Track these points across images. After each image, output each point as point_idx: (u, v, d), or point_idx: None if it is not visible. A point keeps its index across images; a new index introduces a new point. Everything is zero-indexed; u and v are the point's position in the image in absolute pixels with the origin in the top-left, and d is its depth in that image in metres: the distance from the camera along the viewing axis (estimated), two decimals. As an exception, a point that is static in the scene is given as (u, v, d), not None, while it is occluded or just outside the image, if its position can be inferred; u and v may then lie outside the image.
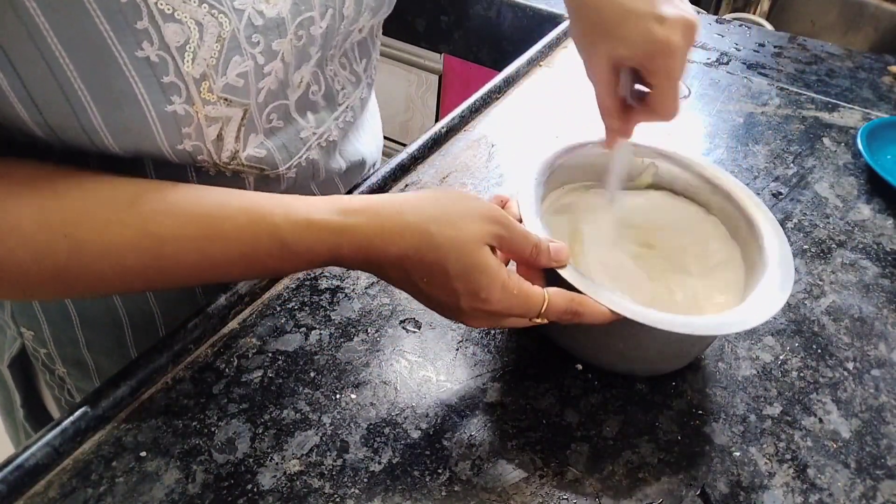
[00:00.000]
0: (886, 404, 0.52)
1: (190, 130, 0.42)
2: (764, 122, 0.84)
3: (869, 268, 0.65)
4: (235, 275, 0.43)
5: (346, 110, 0.56)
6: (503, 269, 0.43)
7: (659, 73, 0.47)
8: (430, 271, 0.41)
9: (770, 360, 0.55)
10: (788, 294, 0.47)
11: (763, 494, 0.46)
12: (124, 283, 0.41)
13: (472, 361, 0.52)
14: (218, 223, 0.40)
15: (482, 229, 0.42)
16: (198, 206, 0.40)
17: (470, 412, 0.48)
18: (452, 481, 0.44)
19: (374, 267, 0.43)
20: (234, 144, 0.45)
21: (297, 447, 0.45)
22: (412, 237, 0.41)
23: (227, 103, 0.42)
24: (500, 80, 0.84)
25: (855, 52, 1.03)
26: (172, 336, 0.49)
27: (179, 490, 0.42)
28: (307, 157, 0.53)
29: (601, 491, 0.45)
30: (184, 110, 0.40)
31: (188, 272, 0.41)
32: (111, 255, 0.39)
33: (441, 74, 1.59)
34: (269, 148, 0.49)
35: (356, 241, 0.41)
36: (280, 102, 0.48)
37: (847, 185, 0.75)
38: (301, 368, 0.50)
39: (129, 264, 0.39)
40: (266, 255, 0.41)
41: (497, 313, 0.43)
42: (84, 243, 0.38)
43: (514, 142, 0.75)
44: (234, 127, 0.44)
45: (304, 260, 0.42)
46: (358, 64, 0.56)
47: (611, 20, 0.47)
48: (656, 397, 0.51)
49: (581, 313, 0.44)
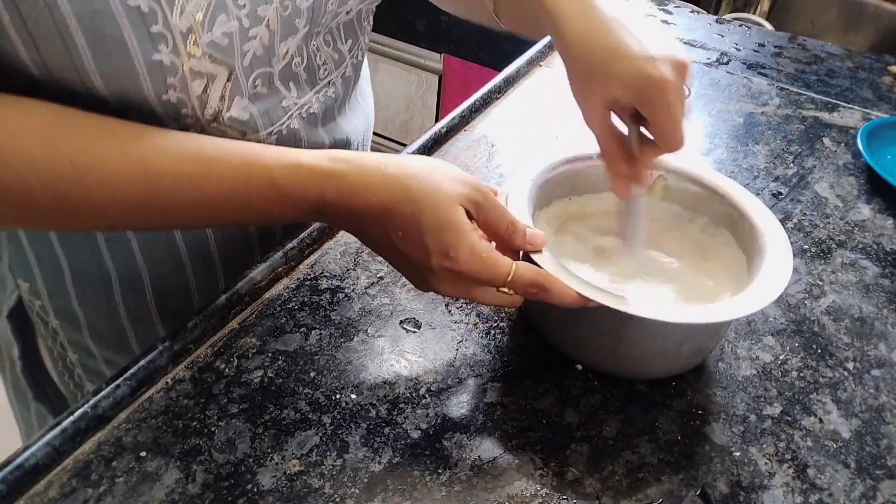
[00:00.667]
0: (886, 404, 0.52)
1: (175, 81, 0.44)
2: (764, 122, 0.84)
3: (869, 268, 0.65)
4: (227, 216, 0.45)
5: (328, 86, 0.58)
6: (475, 233, 0.44)
7: (655, 105, 0.46)
8: (405, 225, 0.43)
9: (770, 360, 0.55)
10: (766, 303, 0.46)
11: (763, 494, 0.46)
12: (122, 216, 0.43)
13: (472, 361, 0.52)
14: (213, 162, 0.43)
15: (460, 191, 0.44)
16: (196, 147, 0.43)
17: (470, 412, 0.49)
18: (452, 481, 0.44)
19: (355, 219, 0.44)
20: (219, 103, 0.48)
21: (297, 447, 0.45)
22: (392, 189, 0.43)
23: (212, 60, 0.45)
24: (500, 80, 0.84)
25: (855, 52, 1.03)
26: (172, 336, 0.49)
27: (179, 490, 0.42)
28: (288, 125, 0.55)
29: (601, 491, 0.45)
30: (169, 60, 0.43)
31: (182, 209, 0.43)
32: (111, 184, 0.41)
33: (441, 74, 1.59)
34: (252, 112, 0.51)
35: (341, 187, 0.43)
36: (265, 70, 0.50)
37: (847, 185, 0.75)
38: (301, 368, 0.50)
39: (127, 195, 0.42)
40: (257, 195, 0.43)
41: (464, 275, 0.44)
42: (88, 171, 0.41)
43: (514, 142, 0.76)
44: (219, 86, 0.47)
45: (291, 203, 0.44)
46: (343, 44, 0.58)
47: (601, 63, 0.47)
48: (656, 397, 0.51)
49: (547, 289, 0.45)
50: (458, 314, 0.55)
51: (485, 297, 0.46)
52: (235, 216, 0.45)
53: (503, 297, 0.46)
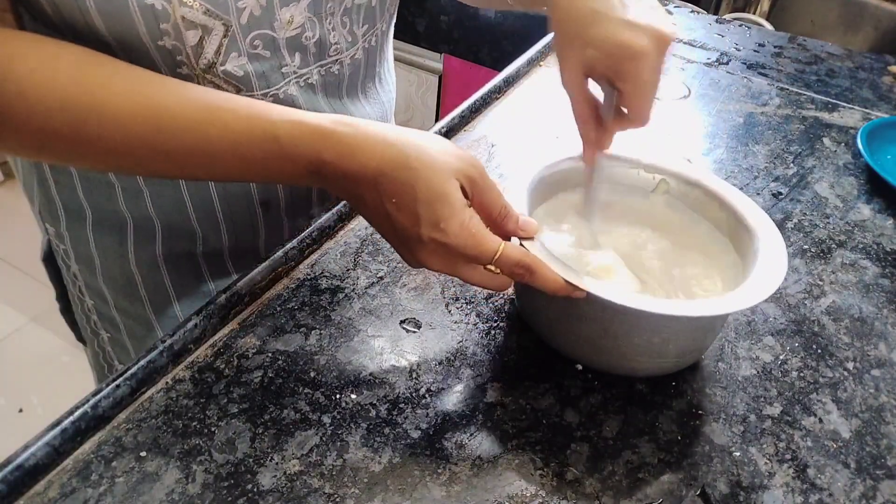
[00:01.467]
0: (886, 404, 0.52)
1: (168, 28, 0.47)
2: (764, 122, 0.84)
3: (869, 268, 0.65)
4: (228, 167, 0.46)
5: (334, 63, 0.59)
6: (467, 209, 0.44)
7: (627, 76, 0.47)
8: (400, 191, 0.43)
9: (770, 360, 0.55)
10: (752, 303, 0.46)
11: (763, 494, 0.46)
12: (130, 152, 0.45)
13: (472, 361, 0.52)
14: (221, 111, 0.44)
15: (457, 166, 0.44)
16: (204, 95, 0.45)
17: (470, 412, 0.49)
18: (452, 481, 0.44)
19: (350, 182, 0.44)
20: (213, 56, 0.50)
21: (297, 447, 0.45)
22: (391, 155, 0.43)
23: (206, 13, 0.47)
24: (500, 80, 0.84)
25: (855, 52, 1.03)
26: (172, 336, 0.49)
27: (179, 490, 0.42)
28: (285, 90, 0.56)
29: (601, 491, 0.45)
30: (161, 6, 0.46)
31: (186, 154, 0.45)
32: (124, 120, 0.43)
33: (441, 74, 1.59)
34: (249, 71, 0.53)
35: (339, 148, 0.44)
36: (265, 32, 0.52)
37: (847, 185, 0.75)
38: (301, 368, 0.50)
39: (137, 132, 0.44)
40: (258, 147, 0.44)
41: (452, 248, 0.43)
42: (104, 103, 0.43)
43: (514, 142, 0.75)
44: (215, 40, 0.49)
45: (290, 160, 0.45)
46: (359, 27, 0.59)
47: (581, 24, 0.48)
48: (656, 397, 0.51)
49: (534, 272, 0.45)
50: (458, 314, 0.55)
51: (471, 276, 0.46)
52: (236, 168, 0.46)
53: (489, 277, 0.46)
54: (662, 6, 0.82)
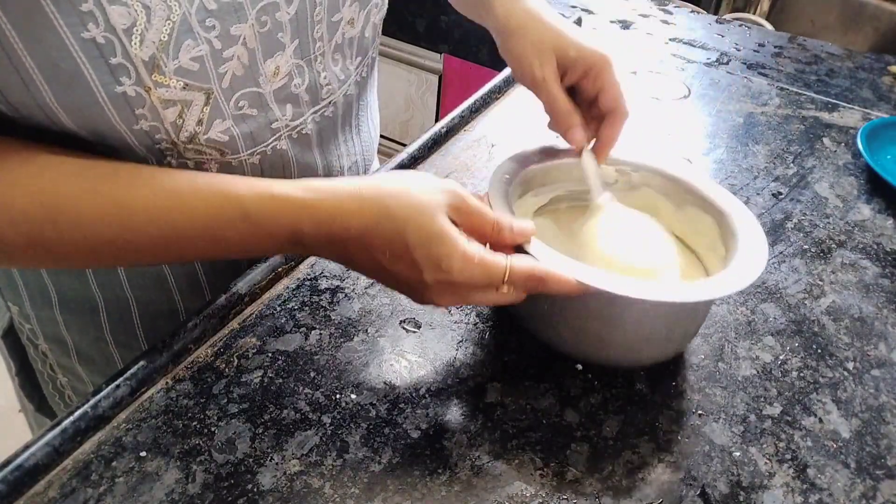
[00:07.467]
0: (886, 404, 0.52)
1: (144, 111, 0.42)
2: (764, 122, 0.84)
3: (869, 268, 0.65)
4: (201, 250, 0.44)
5: (328, 106, 0.55)
6: (463, 239, 0.42)
7: (605, 75, 0.54)
8: (390, 244, 0.42)
9: (770, 360, 0.55)
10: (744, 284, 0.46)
11: (763, 494, 0.46)
12: (94, 254, 0.43)
13: (472, 361, 0.52)
14: (185, 196, 0.42)
15: (439, 199, 0.43)
16: (168, 181, 0.42)
17: (470, 412, 0.48)
18: (452, 481, 0.44)
19: (337, 247, 0.43)
20: (195, 127, 0.46)
21: (297, 447, 0.45)
22: (370, 211, 0.42)
23: (184, 87, 0.43)
24: (500, 80, 0.84)
25: (855, 52, 1.03)
26: (172, 336, 0.49)
27: (179, 490, 0.42)
28: (274, 146, 0.52)
29: (601, 491, 0.45)
30: (134, 91, 0.41)
31: (156, 246, 0.42)
32: (83, 224, 0.40)
33: (441, 74, 1.59)
34: (234, 134, 0.48)
35: (317, 217, 0.42)
36: (251, 90, 0.47)
37: (847, 185, 0.75)
38: (301, 368, 0.50)
39: (99, 233, 0.41)
40: (229, 227, 0.42)
41: (461, 285, 0.43)
42: (59, 211, 0.40)
43: (514, 142, 0.75)
44: (196, 111, 0.45)
45: (265, 234, 0.43)
46: (352, 61, 0.56)
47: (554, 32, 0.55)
48: (656, 397, 0.51)
49: (545, 280, 0.44)
50: (458, 314, 0.55)
51: (486, 300, 0.45)
52: (210, 250, 0.44)
53: (505, 297, 0.44)
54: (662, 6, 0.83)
